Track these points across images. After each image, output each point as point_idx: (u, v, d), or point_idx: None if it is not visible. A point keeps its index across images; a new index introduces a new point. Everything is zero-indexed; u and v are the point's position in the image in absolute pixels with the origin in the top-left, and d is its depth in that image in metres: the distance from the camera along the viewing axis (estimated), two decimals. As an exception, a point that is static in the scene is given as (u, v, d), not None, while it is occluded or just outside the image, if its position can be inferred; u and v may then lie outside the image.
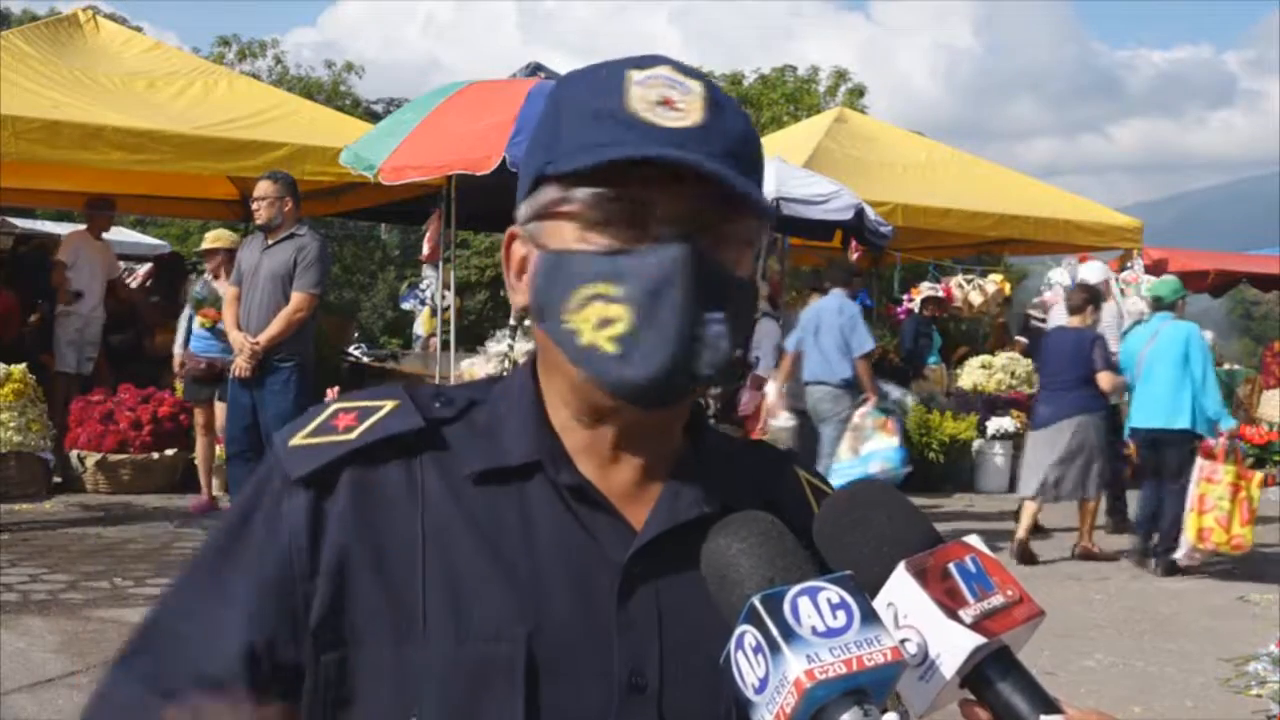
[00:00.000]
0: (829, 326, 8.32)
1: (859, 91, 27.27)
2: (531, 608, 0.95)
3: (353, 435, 1.01)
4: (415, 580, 0.96)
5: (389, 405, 1.04)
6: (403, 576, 0.96)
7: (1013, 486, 11.58)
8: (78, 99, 9.65)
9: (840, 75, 27.76)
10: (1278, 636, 5.85)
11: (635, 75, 0.99)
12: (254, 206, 7.11)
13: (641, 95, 0.97)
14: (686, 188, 0.95)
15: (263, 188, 7.05)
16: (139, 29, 18.45)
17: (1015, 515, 8.57)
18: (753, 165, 1.00)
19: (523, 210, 1.03)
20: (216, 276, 8.46)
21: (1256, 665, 5.61)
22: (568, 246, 0.98)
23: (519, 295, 1.04)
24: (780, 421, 9.14)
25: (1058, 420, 8.19)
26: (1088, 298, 8.45)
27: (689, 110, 0.97)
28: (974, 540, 0.90)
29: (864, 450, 8.13)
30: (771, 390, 9.20)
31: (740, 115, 1.02)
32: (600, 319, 0.96)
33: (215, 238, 8.81)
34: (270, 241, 7.03)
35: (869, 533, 0.90)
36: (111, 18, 13.81)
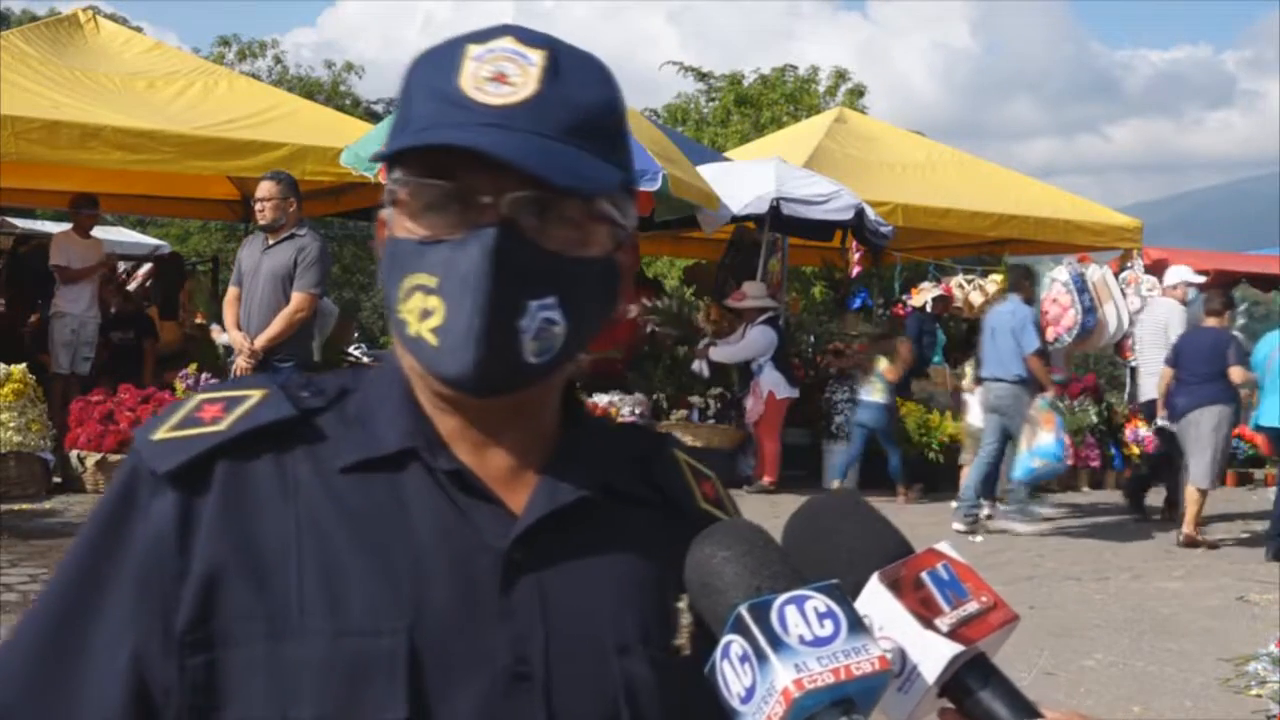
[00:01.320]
0: (1003, 328, 9.01)
1: (859, 91, 27.20)
2: (411, 599, 0.92)
3: (222, 426, 0.96)
4: (289, 576, 0.92)
5: (257, 395, 0.99)
6: (276, 573, 0.92)
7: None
8: (77, 99, 9.65)
9: (840, 75, 27.66)
10: (1278, 636, 5.85)
11: (473, 50, 0.94)
12: (258, 207, 7.11)
13: (475, 71, 0.92)
14: (509, 169, 0.89)
15: (266, 188, 7.04)
16: (139, 29, 18.47)
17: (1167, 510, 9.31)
18: (598, 134, 0.94)
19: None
20: None
21: (1256, 665, 5.60)
22: (395, 234, 0.95)
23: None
24: (976, 419, 9.72)
25: (1193, 410, 8.86)
26: (1225, 302, 9.31)
27: (521, 84, 0.92)
28: (944, 547, 0.88)
29: (1034, 445, 8.77)
30: (968, 392, 10.05)
31: (590, 82, 0.95)
32: (422, 310, 0.93)
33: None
34: (271, 242, 7.04)
35: (839, 544, 0.89)
36: (111, 18, 13.83)
